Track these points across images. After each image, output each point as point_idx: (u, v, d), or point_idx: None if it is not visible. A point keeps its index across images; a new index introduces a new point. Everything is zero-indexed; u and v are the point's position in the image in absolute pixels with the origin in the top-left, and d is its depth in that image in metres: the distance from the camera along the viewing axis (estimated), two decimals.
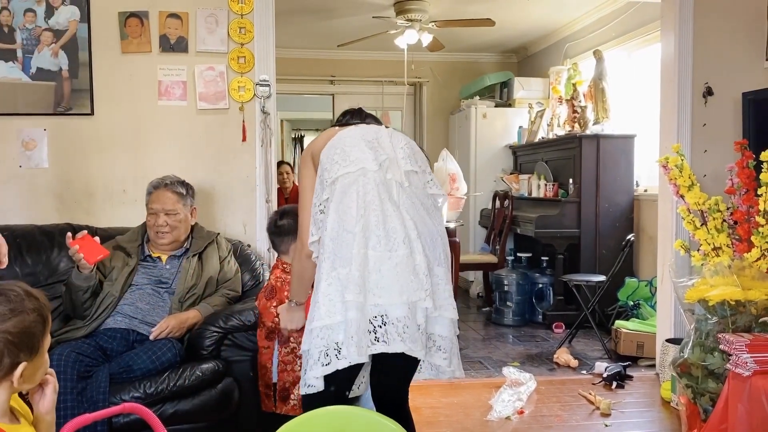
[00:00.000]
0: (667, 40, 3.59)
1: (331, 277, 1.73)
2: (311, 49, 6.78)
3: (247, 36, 3.24)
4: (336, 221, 1.78)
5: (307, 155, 2.00)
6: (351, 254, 1.73)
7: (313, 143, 2.02)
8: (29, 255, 2.89)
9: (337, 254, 1.74)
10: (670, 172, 2.69)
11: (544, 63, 6.51)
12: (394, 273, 1.73)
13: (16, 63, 3.12)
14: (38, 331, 1.26)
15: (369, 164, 1.85)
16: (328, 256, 1.76)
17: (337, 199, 1.81)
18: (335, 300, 1.72)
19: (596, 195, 4.92)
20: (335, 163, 1.86)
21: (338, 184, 1.83)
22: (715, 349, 2.27)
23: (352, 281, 1.71)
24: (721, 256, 2.51)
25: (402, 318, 1.72)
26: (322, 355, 1.73)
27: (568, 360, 3.93)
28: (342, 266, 1.73)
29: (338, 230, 1.77)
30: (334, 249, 1.75)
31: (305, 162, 2.01)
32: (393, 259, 1.74)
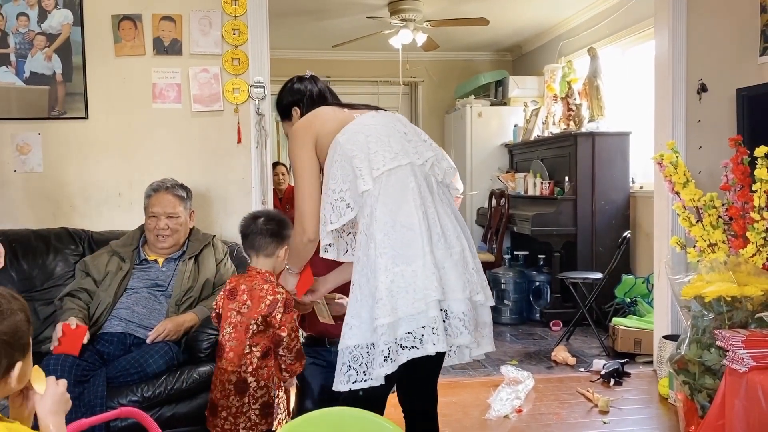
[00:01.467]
0: (660, 37, 3.60)
1: (393, 274, 1.70)
2: (306, 50, 6.78)
3: (241, 38, 3.23)
4: (388, 215, 1.74)
5: (308, 137, 1.91)
6: (415, 252, 1.71)
7: (312, 123, 1.93)
8: (25, 260, 2.88)
9: (398, 251, 1.72)
10: (665, 169, 2.70)
11: (538, 61, 6.52)
12: (455, 270, 1.76)
13: (10, 67, 3.11)
14: (26, 330, 1.29)
15: (413, 158, 1.84)
16: (385, 251, 1.72)
17: (388, 192, 1.77)
18: (398, 296, 1.70)
19: (592, 192, 4.92)
20: (375, 154, 1.81)
21: (389, 176, 1.78)
22: (711, 346, 2.28)
23: (427, 279, 1.69)
24: (717, 252, 2.52)
25: (467, 311, 1.76)
26: (391, 351, 1.69)
27: (565, 358, 3.94)
28: (406, 263, 1.71)
29: (393, 225, 1.73)
30: (392, 245, 1.72)
31: (305, 143, 1.91)
32: (453, 257, 1.77)
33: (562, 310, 4.93)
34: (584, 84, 5.16)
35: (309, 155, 1.91)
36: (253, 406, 2.11)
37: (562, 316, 4.84)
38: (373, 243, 1.73)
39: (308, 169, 1.90)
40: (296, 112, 2.11)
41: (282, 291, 2.13)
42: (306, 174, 1.90)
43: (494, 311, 5.13)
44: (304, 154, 1.90)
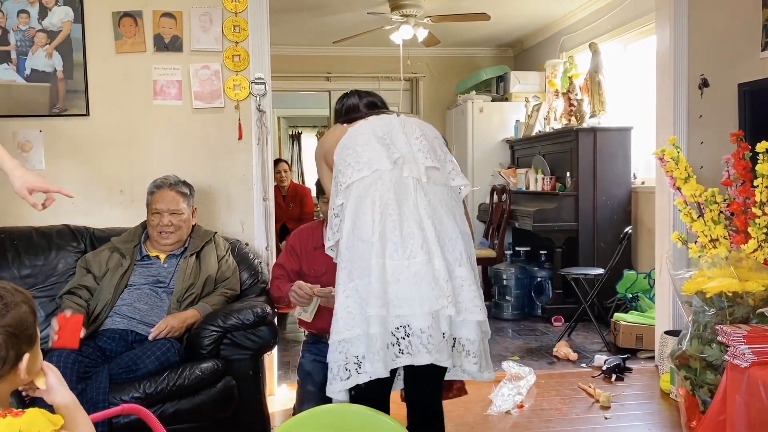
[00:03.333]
0: (662, 31, 3.59)
1: (348, 289, 1.69)
2: (307, 46, 6.77)
3: (242, 34, 3.23)
4: (350, 229, 1.74)
5: (320, 158, 2.00)
6: (369, 265, 1.67)
7: (324, 143, 2.01)
8: (27, 257, 2.89)
9: (354, 264, 1.70)
10: (666, 165, 2.70)
11: (540, 56, 6.51)
12: (414, 282, 1.66)
13: (11, 65, 3.11)
14: (32, 321, 1.30)
15: (383, 164, 1.79)
16: (345, 266, 1.72)
17: (352, 204, 1.77)
18: (354, 312, 1.68)
19: (594, 188, 4.92)
20: (348, 166, 1.82)
21: (353, 189, 1.79)
22: (713, 341, 2.28)
23: (373, 294, 1.64)
24: (719, 247, 2.52)
25: (426, 328, 1.66)
26: (341, 369, 1.69)
27: (567, 353, 3.94)
28: (359, 277, 1.69)
29: (353, 239, 1.72)
30: (350, 258, 1.71)
31: (319, 165, 2.02)
32: (411, 267, 1.67)
33: (563, 305, 4.94)
34: (586, 79, 5.15)
35: (326, 173, 2.00)
36: None
37: (564, 312, 4.84)
38: (340, 258, 1.75)
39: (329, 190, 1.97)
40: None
41: None
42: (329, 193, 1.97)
43: (496, 307, 5.20)
44: (322, 173, 2.05)
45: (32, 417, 1.20)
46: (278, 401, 3.25)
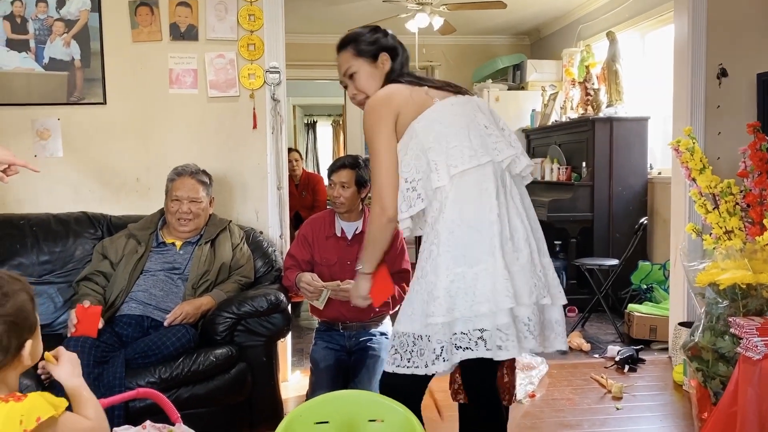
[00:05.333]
0: (680, 21, 3.55)
1: (454, 274, 1.68)
2: (322, 34, 6.76)
3: (257, 23, 3.24)
4: (457, 214, 1.71)
5: (390, 113, 1.81)
6: (479, 255, 1.68)
7: (393, 99, 1.83)
8: (46, 243, 2.94)
9: (462, 251, 1.69)
10: (682, 156, 2.67)
11: (557, 45, 6.45)
12: (522, 276, 1.72)
13: (29, 53, 3.15)
14: (31, 308, 1.32)
15: (493, 155, 1.77)
16: (448, 250, 1.69)
17: (462, 191, 1.72)
18: (456, 297, 1.68)
19: (609, 178, 4.88)
20: (454, 149, 1.74)
21: (466, 176, 1.73)
22: (725, 333, 2.27)
23: (494, 284, 1.66)
24: (733, 239, 2.50)
25: (532, 317, 1.73)
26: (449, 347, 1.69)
27: (580, 344, 3.94)
28: (468, 265, 1.68)
29: (460, 224, 1.70)
30: (456, 245, 1.69)
31: (386, 119, 1.81)
32: (520, 260, 1.73)
33: (577, 296, 4.92)
34: (603, 68, 5.10)
35: (389, 130, 1.81)
36: None
37: (578, 303, 4.83)
38: (437, 240, 1.71)
39: (387, 144, 1.81)
40: (385, 59, 1.99)
41: None
42: (384, 149, 1.80)
43: None
44: (385, 129, 1.81)
45: (33, 401, 1.21)
46: (291, 387, 3.29)
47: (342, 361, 2.77)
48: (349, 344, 2.79)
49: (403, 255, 2.80)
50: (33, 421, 1.18)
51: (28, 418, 1.18)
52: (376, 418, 1.54)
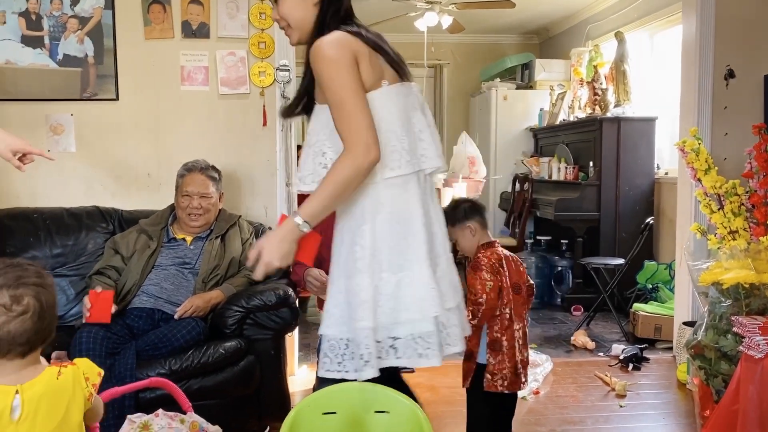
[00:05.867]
0: (688, 21, 3.56)
1: (379, 279, 1.62)
2: None
3: (268, 21, 3.27)
4: (386, 218, 1.63)
5: (351, 58, 1.58)
6: (409, 262, 1.63)
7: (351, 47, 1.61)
8: (59, 236, 2.99)
9: (387, 257, 1.62)
10: (688, 156, 2.69)
11: (565, 45, 6.46)
12: (444, 281, 1.70)
13: (44, 50, 3.20)
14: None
15: (420, 162, 1.67)
16: (374, 254, 1.61)
17: (392, 196, 1.63)
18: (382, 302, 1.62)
19: (616, 178, 4.90)
20: (392, 152, 1.61)
21: (398, 181, 1.63)
22: (728, 332, 2.30)
23: (420, 290, 1.63)
24: (738, 239, 2.52)
25: (455, 321, 1.72)
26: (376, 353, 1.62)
27: (585, 342, 3.96)
28: (393, 271, 1.62)
29: (388, 230, 1.62)
30: (382, 249, 1.62)
31: (350, 62, 1.58)
32: (441, 265, 1.71)
33: (583, 295, 4.94)
34: (611, 68, 5.12)
35: (355, 72, 1.58)
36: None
37: (584, 302, 4.85)
38: (363, 241, 1.62)
39: (354, 81, 1.57)
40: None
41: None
42: (351, 86, 1.56)
43: None
44: (351, 70, 1.58)
45: (85, 362, 1.36)
46: (298, 381, 3.33)
47: None
48: None
49: None
50: (96, 376, 1.36)
51: (91, 375, 1.35)
52: (382, 410, 1.57)
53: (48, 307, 1.30)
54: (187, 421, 1.65)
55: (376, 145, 1.54)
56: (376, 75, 1.63)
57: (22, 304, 1.25)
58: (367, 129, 1.54)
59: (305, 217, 1.59)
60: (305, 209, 1.59)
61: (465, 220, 2.28)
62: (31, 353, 1.29)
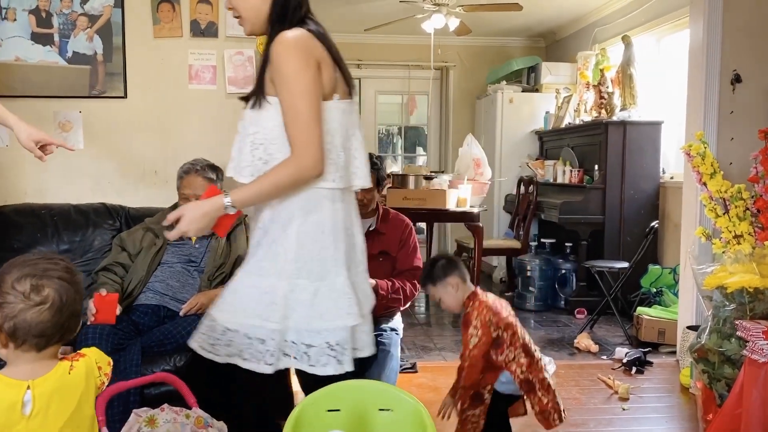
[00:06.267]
0: (695, 26, 3.56)
1: (296, 284, 1.64)
2: (338, 33, 6.79)
3: None
4: (311, 227, 1.65)
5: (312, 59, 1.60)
6: (325, 272, 1.66)
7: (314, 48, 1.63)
8: (66, 232, 3.01)
9: (307, 265, 1.65)
10: (693, 160, 2.70)
11: (572, 48, 6.46)
12: (361, 290, 1.75)
13: (53, 47, 3.22)
14: None
15: (351, 180, 1.70)
16: (295, 259, 1.64)
17: (318, 205, 1.66)
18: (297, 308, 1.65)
19: (621, 181, 4.90)
20: (329, 164, 1.62)
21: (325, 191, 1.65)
22: (732, 336, 2.30)
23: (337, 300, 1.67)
24: (742, 244, 2.52)
25: (368, 329, 1.78)
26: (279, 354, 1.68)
27: (588, 345, 3.96)
28: (311, 279, 1.65)
29: (312, 238, 1.65)
30: (303, 256, 1.65)
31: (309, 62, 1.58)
32: (360, 275, 1.76)
33: (587, 298, 4.94)
34: (617, 72, 5.12)
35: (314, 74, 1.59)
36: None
37: (587, 305, 4.85)
38: (285, 244, 1.64)
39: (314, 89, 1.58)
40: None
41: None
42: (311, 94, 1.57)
43: (519, 298, 5.24)
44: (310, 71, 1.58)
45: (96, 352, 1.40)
46: None
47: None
48: None
49: (415, 252, 2.85)
50: (107, 365, 1.40)
51: (103, 364, 1.39)
52: (386, 408, 1.59)
53: (68, 303, 1.30)
54: (192, 416, 1.66)
55: (323, 160, 1.59)
56: (331, 86, 1.67)
57: (41, 295, 1.25)
58: (319, 143, 1.58)
59: (235, 202, 1.64)
60: (237, 195, 1.64)
61: (445, 277, 2.27)
62: (46, 348, 1.29)
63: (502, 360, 2.19)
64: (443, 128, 7.36)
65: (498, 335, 2.19)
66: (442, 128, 7.37)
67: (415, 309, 5.11)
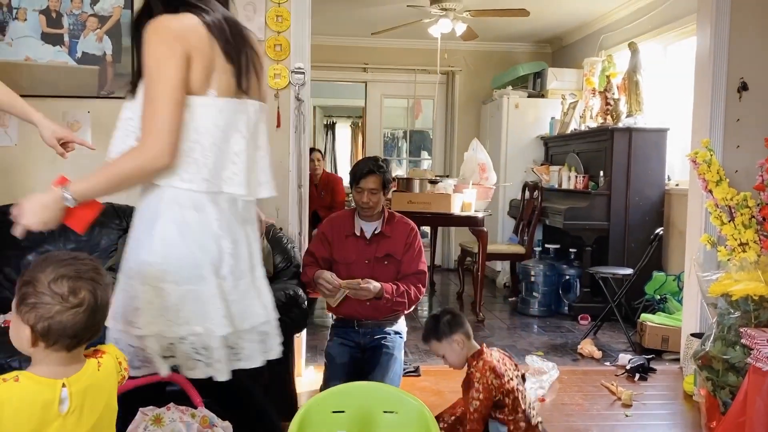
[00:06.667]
0: (702, 33, 3.57)
1: (161, 289, 1.61)
2: (345, 36, 6.84)
3: (284, 24, 3.31)
4: (176, 228, 1.59)
5: (180, 48, 1.51)
6: (192, 277, 1.62)
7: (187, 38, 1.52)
8: (73, 232, 3.00)
9: (175, 269, 1.60)
10: (699, 167, 2.70)
11: (578, 54, 6.47)
12: (241, 303, 1.72)
13: (63, 47, 3.25)
14: None
15: (225, 185, 1.60)
16: (161, 262, 1.58)
17: (184, 205, 1.58)
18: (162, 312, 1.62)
19: (627, 188, 4.90)
20: (191, 163, 1.54)
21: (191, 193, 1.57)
22: (736, 343, 2.30)
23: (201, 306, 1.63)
24: (748, 251, 2.52)
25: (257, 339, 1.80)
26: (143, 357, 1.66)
27: (591, 351, 3.96)
28: (178, 283, 1.60)
29: (178, 242, 1.59)
30: (170, 260, 1.60)
31: (176, 52, 1.50)
32: (240, 287, 1.72)
33: (591, 304, 4.94)
34: (623, 78, 5.12)
35: (177, 63, 1.50)
36: None
37: (591, 311, 4.85)
38: (151, 246, 1.57)
39: (174, 77, 1.49)
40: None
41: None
42: (169, 82, 1.49)
43: (523, 303, 5.24)
44: (172, 60, 1.49)
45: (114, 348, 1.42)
46: (305, 382, 3.35)
47: (356, 357, 2.83)
48: (364, 341, 2.85)
49: (420, 256, 2.86)
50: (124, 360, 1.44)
51: (122, 359, 1.42)
52: (390, 410, 1.59)
53: (102, 306, 1.30)
54: (198, 416, 1.67)
55: (171, 152, 1.48)
56: (206, 81, 1.55)
57: (78, 297, 1.25)
58: (169, 132, 1.48)
59: (74, 194, 1.53)
60: (78, 186, 1.54)
61: (451, 334, 2.27)
62: (76, 348, 1.30)
63: (503, 418, 2.24)
64: (448, 132, 7.37)
65: (500, 400, 2.21)
66: (447, 132, 7.38)
67: (418, 312, 5.11)
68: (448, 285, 6.49)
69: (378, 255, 2.81)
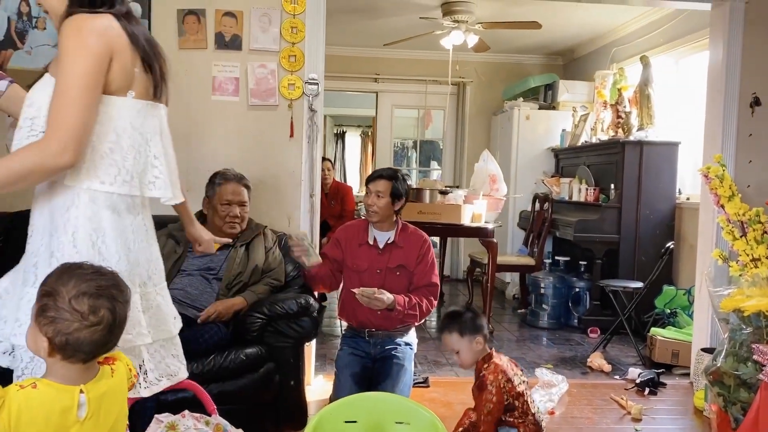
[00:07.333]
0: (715, 48, 3.58)
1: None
2: (357, 47, 6.88)
3: (299, 35, 3.35)
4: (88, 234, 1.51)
5: (104, 50, 1.46)
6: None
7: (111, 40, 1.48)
8: None
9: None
10: (711, 182, 2.70)
11: (590, 67, 6.49)
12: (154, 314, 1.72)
13: None
14: None
15: (145, 189, 1.58)
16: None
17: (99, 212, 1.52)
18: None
19: (637, 201, 4.90)
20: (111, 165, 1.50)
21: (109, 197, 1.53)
22: (748, 359, 2.29)
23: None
24: (760, 267, 2.52)
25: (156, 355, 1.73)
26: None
27: (601, 364, 3.95)
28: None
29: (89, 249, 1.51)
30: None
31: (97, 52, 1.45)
32: (150, 299, 1.70)
33: (600, 317, 4.93)
34: (635, 92, 5.13)
35: (97, 60, 1.44)
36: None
37: (601, 324, 4.83)
38: (61, 253, 1.48)
39: (91, 73, 1.43)
40: None
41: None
42: (84, 77, 1.42)
43: (532, 315, 5.23)
44: (92, 57, 1.43)
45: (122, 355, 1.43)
46: (314, 391, 3.36)
47: (366, 367, 2.84)
48: (374, 352, 2.86)
49: (433, 268, 2.88)
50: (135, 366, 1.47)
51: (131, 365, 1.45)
52: (402, 421, 1.60)
53: (120, 322, 1.32)
54: (212, 423, 1.69)
55: (75, 150, 1.40)
56: (126, 82, 1.53)
57: (97, 316, 1.27)
58: (74, 129, 1.40)
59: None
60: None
61: (475, 333, 2.29)
62: (91, 360, 1.33)
63: (513, 422, 2.26)
64: (458, 143, 7.39)
65: (510, 403, 2.24)
66: (458, 143, 7.40)
67: (427, 323, 5.12)
68: (457, 296, 6.49)
69: (390, 265, 2.83)
